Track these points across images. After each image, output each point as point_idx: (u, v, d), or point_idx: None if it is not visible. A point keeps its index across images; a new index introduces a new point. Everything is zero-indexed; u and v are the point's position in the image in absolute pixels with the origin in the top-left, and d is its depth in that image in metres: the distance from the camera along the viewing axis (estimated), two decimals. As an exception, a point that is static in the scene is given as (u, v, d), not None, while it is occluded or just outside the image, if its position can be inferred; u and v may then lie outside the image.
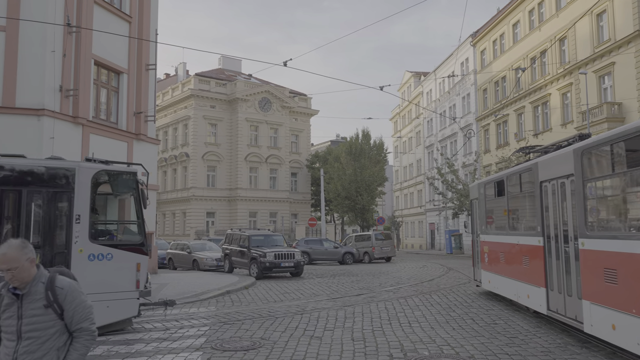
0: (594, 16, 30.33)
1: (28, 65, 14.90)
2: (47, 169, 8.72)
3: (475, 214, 14.50)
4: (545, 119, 35.80)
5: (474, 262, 14.57)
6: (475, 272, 14.42)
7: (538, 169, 9.55)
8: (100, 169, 9.10)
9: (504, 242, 11.52)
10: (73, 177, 8.75)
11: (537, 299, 9.50)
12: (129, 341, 8.34)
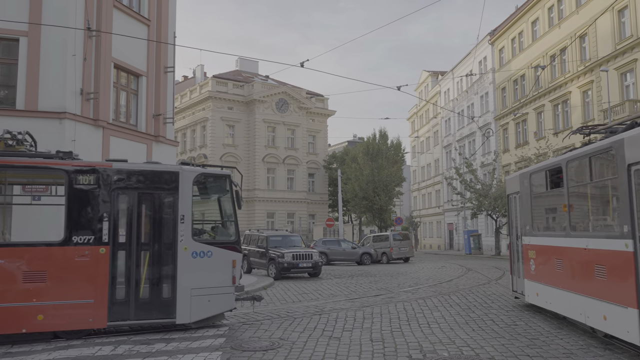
0: (615, 12, 29.88)
1: (50, 69, 15.14)
2: (155, 172, 9.49)
3: (514, 212, 12.02)
4: (566, 117, 35.37)
5: (513, 269, 12.11)
6: (515, 282, 12.04)
7: (624, 147, 7.12)
8: (200, 172, 9.75)
9: (563, 247, 9.07)
10: (177, 180, 9.42)
11: (621, 323, 7.16)
12: (150, 340, 8.43)
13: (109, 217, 8.88)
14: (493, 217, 37.92)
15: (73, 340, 8.55)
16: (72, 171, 8.80)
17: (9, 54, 15.17)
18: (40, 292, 8.35)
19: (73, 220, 8.68)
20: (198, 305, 9.28)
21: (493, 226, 40.09)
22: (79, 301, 8.55)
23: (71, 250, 8.58)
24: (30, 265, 8.37)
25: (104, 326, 8.76)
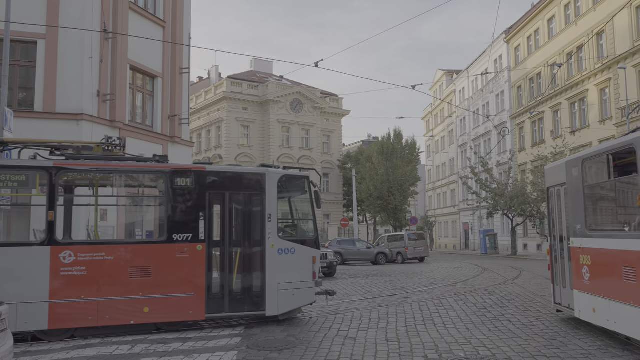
0: (633, 8, 29.50)
1: (67, 71, 15.34)
2: (244, 174, 10.19)
3: (557, 208, 9.89)
4: (583, 115, 34.98)
5: (556, 277, 10.06)
6: (559, 293, 9.93)
7: None
8: (284, 173, 10.42)
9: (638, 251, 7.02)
10: (264, 181, 10.04)
11: None
12: (166, 340, 8.49)
13: (205, 216, 9.50)
14: (509, 216, 37.62)
15: (91, 339, 8.66)
16: (172, 173, 9.49)
17: (27, 57, 15.40)
18: (145, 286, 9.00)
19: (174, 219, 9.35)
20: (284, 298, 9.92)
21: (509, 226, 39.77)
22: (179, 295, 9.21)
23: (172, 247, 9.24)
24: (136, 262, 9.04)
25: (202, 318, 9.41)
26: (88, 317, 8.67)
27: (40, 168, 8.84)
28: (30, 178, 8.85)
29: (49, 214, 8.60)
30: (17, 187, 9.01)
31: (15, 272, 8.36)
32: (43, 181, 8.83)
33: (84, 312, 8.63)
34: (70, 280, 8.60)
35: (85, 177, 9.77)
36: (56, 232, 8.70)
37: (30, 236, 9.27)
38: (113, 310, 8.79)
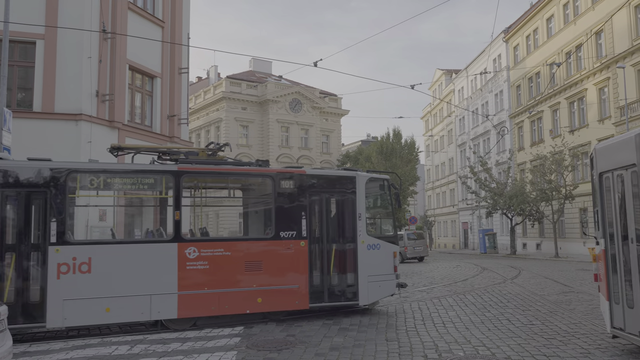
0: (632, 8, 29.52)
1: (66, 71, 15.33)
2: (338, 177, 11.19)
3: (618, 199, 7.35)
4: (582, 114, 35.01)
5: (613, 292, 7.36)
6: (619, 314, 7.22)
7: None
8: (370, 176, 11.47)
9: None
10: (355, 183, 11.04)
11: None
12: (165, 340, 8.49)
13: (306, 215, 10.46)
14: (508, 216, 37.64)
15: (90, 339, 8.65)
16: (277, 177, 10.46)
17: (25, 57, 15.39)
18: (258, 278, 9.94)
19: (280, 218, 10.30)
20: (373, 290, 10.94)
21: (508, 225, 39.80)
22: (287, 286, 10.20)
23: (280, 243, 10.21)
24: (250, 256, 9.98)
25: (306, 307, 10.34)
26: (211, 307, 9.58)
27: (167, 172, 9.72)
28: (158, 181, 9.77)
29: (176, 213, 9.50)
30: (147, 189, 9.94)
31: (148, 266, 9.22)
32: (169, 184, 9.67)
33: (207, 302, 9.51)
34: (195, 273, 9.48)
35: (203, 180, 10.75)
36: (181, 231, 9.53)
37: (158, 234, 10.12)
38: (232, 301, 9.69)
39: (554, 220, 33.35)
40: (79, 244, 9.24)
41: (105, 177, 9.44)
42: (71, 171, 8.99)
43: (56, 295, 8.55)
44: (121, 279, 9.00)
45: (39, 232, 8.77)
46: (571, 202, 32.91)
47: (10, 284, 8.44)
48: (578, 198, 33.54)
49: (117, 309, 8.91)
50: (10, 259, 8.51)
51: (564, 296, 13.15)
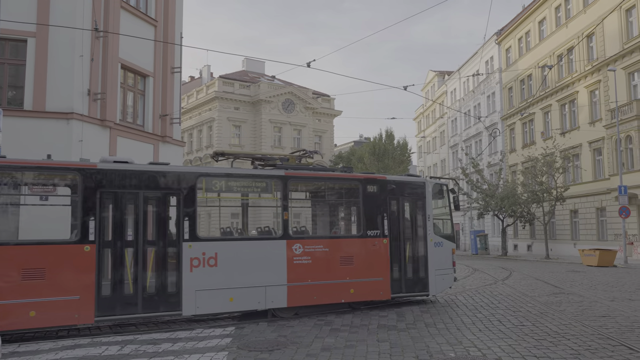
0: (622, 11, 29.75)
1: (57, 70, 15.22)
2: (411, 182, 12.57)
3: None
4: (573, 117, 35.23)
5: None
6: None
7: None
8: (435, 182, 13.00)
9: None
10: (424, 188, 12.54)
11: None
12: (156, 340, 8.45)
13: (387, 215, 11.78)
14: (500, 217, 37.80)
15: (80, 339, 8.60)
16: (364, 182, 11.73)
17: (17, 55, 15.26)
18: (351, 272, 11.15)
19: (367, 218, 11.57)
20: (439, 282, 12.50)
21: (500, 226, 39.96)
22: (373, 279, 11.46)
23: (367, 241, 11.49)
24: (344, 252, 11.22)
25: (388, 298, 11.66)
26: (313, 296, 10.75)
27: (276, 176, 10.82)
28: (269, 184, 10.92)
29: (284, 213, 10.67)
30: (260, 192, 11.33)
31: (262, 261, 10.35)
32: (278, 187, 10.79)
33: (311, 293, 10.68)
34: (300, 267, 10.64)
35: (304, 184, 11.93)
36: (289, 229, 10.76)
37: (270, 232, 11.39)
38: (330, 291, 10.90)
39: (545, 222, 33.54)
40: (207, 240, 10.27)
41: (226, 180, 10.52)
42: (200, 175, 10.11)
43: (190, 286, 9.58)
44: (241, 272, 10.10)
45: (174, 230, 9.75)
46: (562, 203, 33.10)
47: (151, 276, 9.42)
48: (569, 200, 33.74)
49: (239, 299, 10.03)
50: (150, 254, 9.49)
51: (554, 297, 13.21)
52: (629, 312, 10.77)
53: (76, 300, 8.71)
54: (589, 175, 33.06)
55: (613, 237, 30.57)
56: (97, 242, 8.99)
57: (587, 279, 18.32)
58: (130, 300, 9.20)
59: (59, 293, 8.62)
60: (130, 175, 9.51)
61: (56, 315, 8.59)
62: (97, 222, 9.03)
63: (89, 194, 9.06)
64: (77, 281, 8.75)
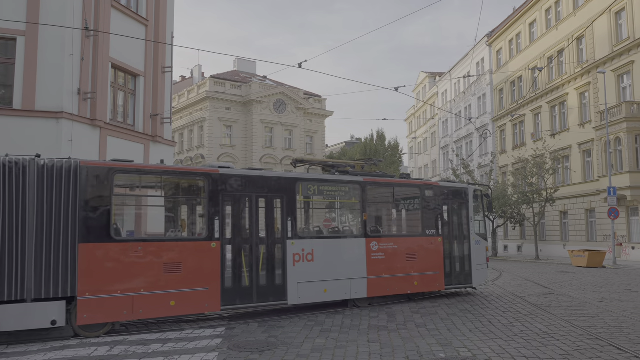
0: (612, 14, 29.98)
1: (47, 68, 15.10)
2: (458, 189, 14.25)
3: None
4: (563, 119, 35.46)
5: None
6: None
7: None
8: (475, 188, 14.79)
9: None
10: (467, 193, 14.31)
11: None
12: (146, 341, 8.40)
13: (440, 217, 13.53)
14: (490, 218, 37.97)
15: (68, 340, 8.54)
16: (423, 187, 13.44)
17: (6, 54, 15.13)
18: (414, 266, 12.78)
19: (425, 219, 13.27)
20: (478, 275, 14.27)
21: (490, 227, 40.15)
22: (431, 272, 13.12)
23: (425, 239, 13.15)
24: (410, 249, 12.79)
25: (443, 289, 13.43)
26: (386, 288, 12.26)
27: (356, 182, 12.23)
28: (351, 189, 12.30)
29: (364, 215, 12.14)
30: (343, 196, 12.54)
31: (347, 256, 11.76)
32: (357, 191, 12.23)
33: (384, 285, 12.19)
34: (376, 262, 12.11)
35: (377, 189, 12.98)
36: (367, 229, 12.10)
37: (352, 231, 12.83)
38: (399, 284, 12.47)
39: (535, 223, 33.71)
40: (305, 238, 11.41)
41: (318, 185, 11.89)
42: (298, 180, 11.38)
43: (293, 279, 10.76)
44: (332, 266, 11.42)
45: (279, 229, 10.87)
46: (552, 205, 33.30)
47: (262, 269, 10.52)
48: (559, 201, 33.95)
49: (331, 290, 11.36)
50: (262, 250, 10.61)
51: (544, 298, 13.28)
52: (618, 312, 10.85)
53: (206, 292, 9.74)
54: (578, 176, 33.29)
55: (602, 238, 30.80)
56: (221, 239, 10.03)
57: (577, 279, 18.44)
58: (247, 291, 10.27)
59: (193, 285, 9.62)
60: (245, 180, 10.65)
61: (191, 305, 9.62)
62: (220, 221, 10.09)
63: (214, 196, 10.11)
64: (206, 274, 9.77)
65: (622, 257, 28.60)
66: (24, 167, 8.44)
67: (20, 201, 8.36)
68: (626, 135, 27.73)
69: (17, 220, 8.32)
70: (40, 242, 8.41)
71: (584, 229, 32.87)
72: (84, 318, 8.62)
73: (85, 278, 8.63)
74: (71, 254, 8.59)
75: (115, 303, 8.88)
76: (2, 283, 8.14)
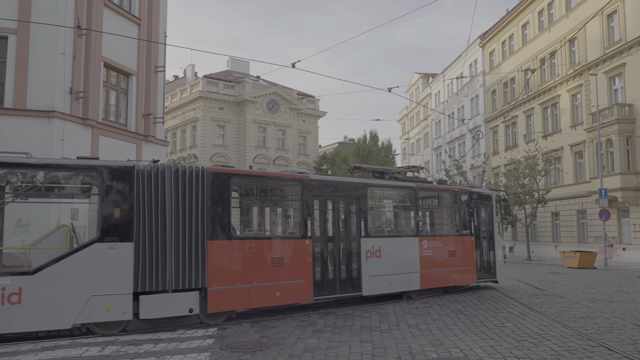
0: (604, 17, 30.15)
1: (39, 67, 15.02)
2: (486, 194, 16.19)
3: None
4: (555, 120, 35.63)
5: None
6: None
7: None
8: (496, 194, 16.77)
9: None
10: (492, 198, 16.30)
11: None
12: (138, 341, 8.37)
13: (473, 218, 15.29)
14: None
15: (60, 340, 8.49)
16: (459, 192, 15.15)
17: (-3, 52, 15.03)
18: (454, 262, 14.50)
19: (461, 220, 15.02)
20: (500, 271, 16.02)
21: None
22: (466, 267, 14.81)
23: (462, 238, 14.92)
24: (450, 247, 14.47)
25: (475, 282, 15.25)
26: (434, 281, 13.93)
27: (411, 188, 13.81)
28: (406, 193, 13.85)
29: (417, 216, 13.75)
30: (400, 199, 14.19)
31: (404, 253, 13.29)
32: (411, 196, 13.80)
33: (433, 278, 13.85)
34: (426, 258, 13.69)
35: (426, 194, 14.54)
36: (419, 228, 13.75)
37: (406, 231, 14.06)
38: (444, 277, 14.18)
39: (527, 224, 33.87)
40: (375, 236, 12.76)
41: (382, 190, 13.63)
42: (368, 185, 12.79)
43: (366, 272, 12.22)
44: (394, 261, 12.94)
45: (354, 228, 12.29)
46: (544, 206, 33.46)
47: (342, 264, 11.98)
48: (550, 202, 34.12)
49: (394, 283, 12.90)
50: (341, 247, 12.05)
51: (535, 299, 13.34)
52: (609, 313, 10.92)
53: (302, 284, 10.99)
54: (570, 178, 33.47)
55: (593, 239, 30.97)
56: (312, 237, 11.30)
57: (568, 280, 18.54)
58: (332, 283, 11.65)
59: (293, 277, 10.86)
60: (329, 184, 12.06)
61: (291, 295, 10.86)
62: (312, 221, 11.38)
63: (306, 198, 11.43)
64: (301, 268, 11.03)
65: (613, 258, 28.78)
66: (163, 172, 9.57)
67: (160, 203, 9.42)
68: (617, 137, 27.91)
69: (158, 220, 9.35)
70: (177, 238, 9.49)
71: (575, 230, 33.05)
72: (212, 307, 9.74)
73: (212, 271, 9.78)
74: (201, 249, 9.69)
75: (236, 293, 10.04)
76: (148, 276, 9.14)
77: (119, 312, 8.93)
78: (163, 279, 9.28)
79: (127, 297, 8.98)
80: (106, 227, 8.98)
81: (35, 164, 8.85)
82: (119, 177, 9.21)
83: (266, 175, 11.57)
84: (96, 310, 8.75)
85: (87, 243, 8.95)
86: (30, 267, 8.71)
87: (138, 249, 9.13)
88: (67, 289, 8.60)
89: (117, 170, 9.23)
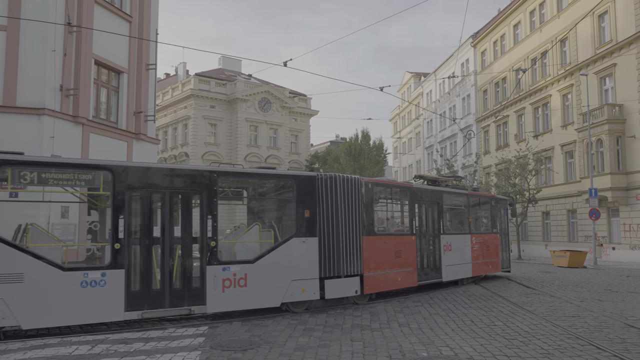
0: (595, 17, 30.33)
1: (29, 64, 14.90)
2: (499, 198, 19.52)
3: None
4: (546, 120, 35.82)
5: None
6: None
7: None
8: (506, 199, 20.30)
9: None
10: (506, 202, 19.82)
11: None
12: (128, 340, 8.33)
13: (498, 219, 18.98)
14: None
15: (49, 338, 8.43)
16: (491, 198, 19.04)
17: (-14, 49, 14.88)
18: (489, 255, 17.77)
19: (493, 220, 18.71)
20: (504, 264, 19.12)
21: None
22: (494, 259, 18.21)
23: (492, 235, 18.34)
24: (487, 243, 17.74)
25: (499, 271, 18.71)
26: (480, 271, 17.15)
27: (466, 194, 17.09)
28: (462, 199, 16.96)
29: (469, 217, 16.96)
30: (459, 203, 16.90)
31: (462, 247, 16.34)
32: (466, 201, 17.02)
33: (479, 268, 17.07)
34: (475, 252, 16.88)
35: (474, 199, 17.61)
36: (471, 227, 16.97)
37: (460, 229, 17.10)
38: (484, 267, 17.38)
39: (518, 223, 34.03)
40: (447, 234, 15.69)
41: (448, 196, 16.16)
42: (443, 193, 15.88)
43: (444, 262, 15.31)
44: (458, 254, 15.99)
45: (435, 226, 15.20)
46: (534, 205, 33.63)
47: (429, 255, 14.90)
48: (541, 202, 34.29)
49: (458, 271, 15.90)
50: (429, 240, 14.98)
51: (525, 298, 13.41)
52: (598, 312, 10.99)
53: (411, 271, 13.81)
54: (560, 177, 33.66)
55: (583, 238, 31.18)
56: (415, 234, 14.24)
57: (558, 279, 18.65)
58: (425, 271, 14.60)
59: (406, 266, 13.67)
60: (422, 192, 14.96)
61: (406, 281, 13.62)
62: (416, 221, 14.39)
63: (412, 202, 14.42)
64: (410, 259, 13.85)
65: (603, 257, 28.98)
66: (334, 180, 11.74)
67: (333, 205, 11.62)
68: (608, 137, 28.10)
69: (332, 219, 11.51)
70: (345, 234, 11.73)
71: (566, 229, 33.25)
72: (367, 289, 12.19)
73: (366, 260, 12.19)
74: (359, 243, 12.04)
75: (379, 279, 12.63)
76: (328, 264, 11.36)
77: (310, 293, 11.05)
78: (338, 266, 11.49)
79: (316, 282, 11.15)
80: (300, 225, 11.13)
81: (248, 172, 11.64)
82: (307, 185, 11.42)
83: (394, 184, 15.02)
84: (296, 291, 10.87)
85: (288, 238, 11.04)
86: (251, 258, 10.50)
87: (321, 242, 11.31)
88: (276, 274, 10.61)
89: (307, 179, 11.49)
